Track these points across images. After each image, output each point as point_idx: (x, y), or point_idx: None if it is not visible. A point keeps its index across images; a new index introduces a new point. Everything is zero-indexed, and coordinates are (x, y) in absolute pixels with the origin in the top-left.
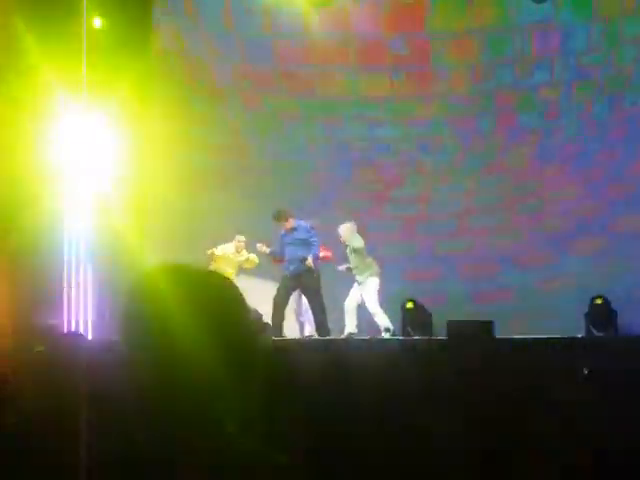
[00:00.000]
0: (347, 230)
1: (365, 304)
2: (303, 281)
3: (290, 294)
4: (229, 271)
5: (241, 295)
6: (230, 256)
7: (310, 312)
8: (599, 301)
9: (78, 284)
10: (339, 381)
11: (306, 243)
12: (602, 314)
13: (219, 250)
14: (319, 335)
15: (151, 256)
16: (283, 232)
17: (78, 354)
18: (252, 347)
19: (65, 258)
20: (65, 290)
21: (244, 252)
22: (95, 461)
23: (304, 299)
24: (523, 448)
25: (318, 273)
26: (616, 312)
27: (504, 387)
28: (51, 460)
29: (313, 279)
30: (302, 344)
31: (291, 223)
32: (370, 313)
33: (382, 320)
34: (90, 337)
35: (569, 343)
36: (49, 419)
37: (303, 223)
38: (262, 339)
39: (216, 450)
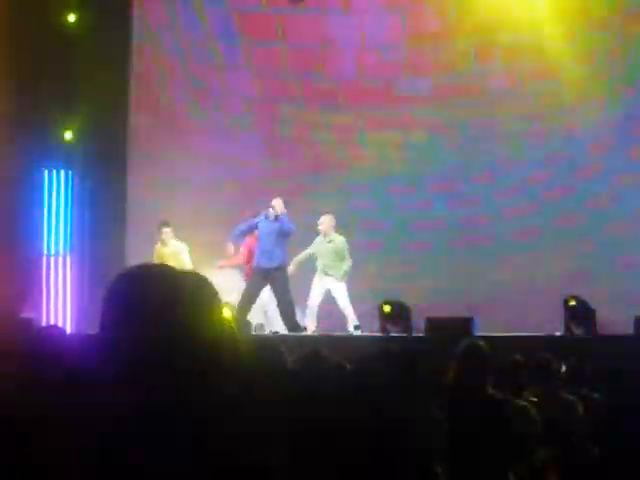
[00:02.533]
0: (329, 222)
1: (337, 300)
2: (278, 275)
3: (261, 289)
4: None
5: (213, 294)
6: (155, 255)
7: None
8: (572, 302)
9: (57, 277)
10: (317, 379)
11: (283, 236)
12: (579, 313)
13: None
14: (291, 331)
15: (131, 251)
16: (265, 217)
17: (56, 347)
18: (218, 344)
19: (44, 251)
20: (44, 283)
21: (172, 242)
22: (74, 456)
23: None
24: (503, 446)
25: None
26: (594, 310)
27: (482, 383)
28: (27, 457)
29: (285, 274)
30: (283, 340)
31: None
32: (342, 308)
33: (352, 316)
34: (69, 331)
35: (547, 340)
36: (28, 412)
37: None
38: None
39: (194, 446)
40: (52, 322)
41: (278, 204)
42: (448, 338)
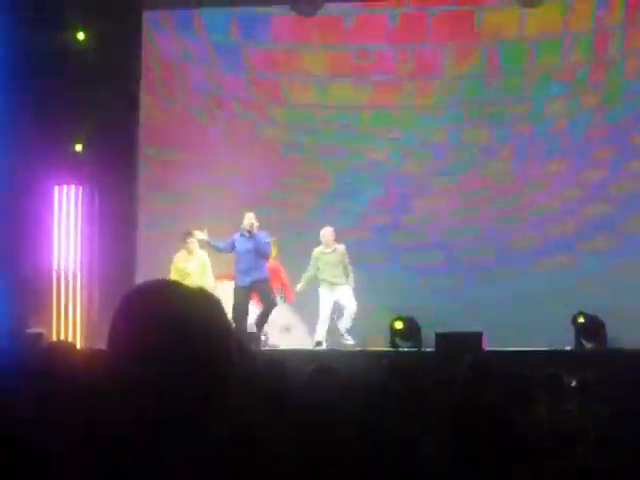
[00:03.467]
0: (331, 235)
1: (344, 310)
2: (260, 289)
3: (248, 303)
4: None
5: (221, 312)
6: (179, 265)
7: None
8: (581, 319)
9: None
10: (327, 393)
11: (260, 253)
12: (589, 328)
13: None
14: (257, 327)
15: (141, 266)
16: (241, 235)
17: (66, 362)
18: (223, 362)
19: (54, 266)
20: (54, 298)
21: (196, 253)
22: (80, 473)
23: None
24: (512, 461)
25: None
26: (603, 324)
27: (492, 399)
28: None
29: (266, 285)
30: (291, 355)
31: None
32: (348, 318)
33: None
34: (78, 346)
35: (558, 355)
36: (36, 428)
37: (262, 232)
38: (246, 352)
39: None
40: (62, 337)
41: (249, 219)
42: (457, 353)
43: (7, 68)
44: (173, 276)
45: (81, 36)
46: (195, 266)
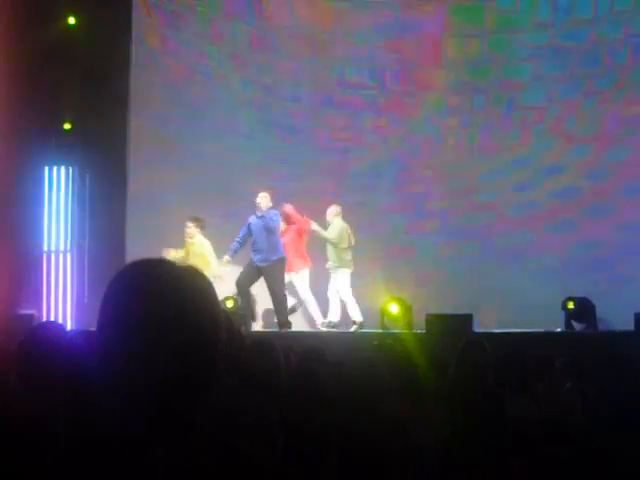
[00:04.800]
0: (331, 212)
1: (339, 293)
2: (270, 271)
3: (252, 283)
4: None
5: (207, 290)
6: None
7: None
8: (571, 305)
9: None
10: (316, 374)
11: (269, 232)
12: (579, 311)
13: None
14: (280, 327)
15: (131, 247)
16: (253, 217)
17: (55, 344)
18: (211, 341)
19: (45, 247)
20: (44, 279)
21: (197, 239)
22: (74, 452)
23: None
24: (503, 443)
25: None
26: (594, 306)
27: (485, 382)
28: (30, 455)
29: (279, 269)
30: (280, 337)
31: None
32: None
33: (353, 312)
34: (69, 327)
35: (547, 337)
36: (31, 409)
37: (272, 210)
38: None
39: (193, 444)
40: (52, 318)
41: (262, 199)
42: (448, 335)
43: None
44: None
45: (72, 20)
46: (194, 253)
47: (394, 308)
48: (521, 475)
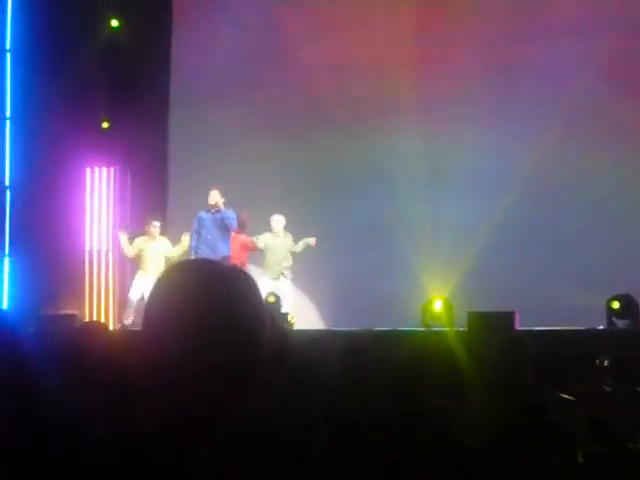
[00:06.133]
0: (281, 222)
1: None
2: None
3: None
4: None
5: (253, 289)
6: (140, 247)
7: None
8: (616, 304)
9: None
10: (358, 372)
11: (225, 229)
12: (623, 307)
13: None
14: None
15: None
16: (204, 212)
17: (99, 343)
18: (257, 339)
19: (87, 247)
20: (87, 279)
21: (158, 238)
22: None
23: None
24: (546, 442)
25: None
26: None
27: (525, 380)
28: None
29: None
30: (321, 334)
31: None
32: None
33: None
34: (111, 327)
35: (590, 335)
36: (74, 410)
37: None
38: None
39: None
40: (94, 318)
41: (214, 195)
42: (489, 332)
43: (39, 52)
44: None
45: (114, 23)
46: (158, 249)
47: (436, 306)
48: (563, 475)
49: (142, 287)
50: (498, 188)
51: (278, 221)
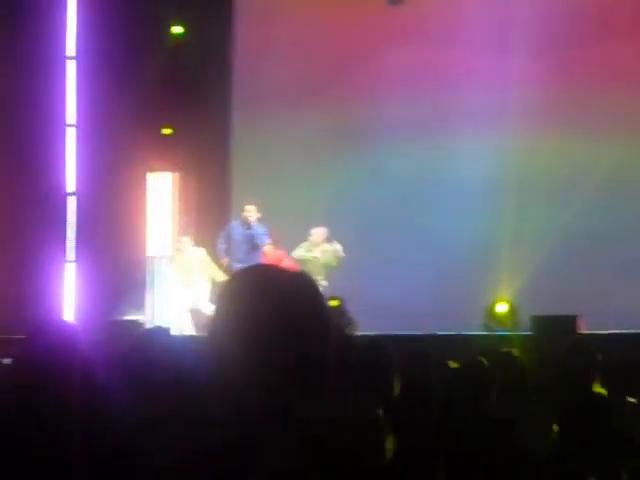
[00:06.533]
0: (323, 235)
1: None
2: None
3: None
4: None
5: (318, 294)
6: (179, 263)
7: None
8: None
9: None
10: (421, 377)
11: (255, 245)
12: None
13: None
14: None
15: None
16: (236, 224)
17: (162, 348)
18: (324, 345)
19: (149, 253)
20: (149, 285)
21: (189, 250)
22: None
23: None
24: (611, 445)
25: None
26: None
27: (587, 382)
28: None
29: None
30: (382, 338)
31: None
32: None
33: None
34: (173, 332)
35: None
36: (138, 413)
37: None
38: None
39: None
40: (156, 324)
41: (250, 210)
42: (553, 336)
43: (101, 58)
44: (176, 274)
45: (178, 29)
46: (192, 263)
47: (500, 309)
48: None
49: (184, 298)
50: (567, 192)
51: (318, 233)
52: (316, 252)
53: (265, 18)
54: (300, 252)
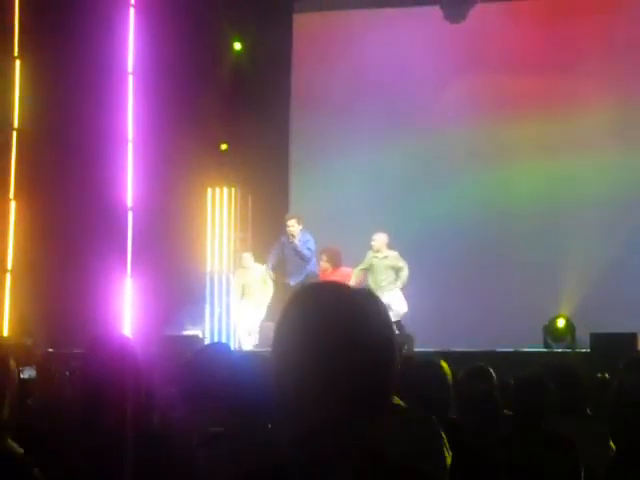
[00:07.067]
0: (383, 240)
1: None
2: None
3: None
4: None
5: (381, 311)
6: (240, 281)
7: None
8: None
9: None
10: (481, 394)
11: (300, 258)
12: None
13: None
14: None
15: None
16: (285, 239)
17: (223, 363)
18: (387, 362)
19: (208, 269)
20: (208, 300)
21: (252, 267)
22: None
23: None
24: None
25: None
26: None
27: None
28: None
29: None
30: (440, 356)
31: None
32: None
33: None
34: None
35: None
36: (194, 427)
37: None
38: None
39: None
40: (215, 339)
41: (291, 225)
42: (613, 353)
43: (159, 73)
44: (237, 291)
45: (237, 46)
46: (254, 279)
47: (559, 325)
48: None
49: (246, 316)
50: (625, 208)
51: (380, 239)
52: (380, 257)
53: (323, 32)
54: (366, 260)
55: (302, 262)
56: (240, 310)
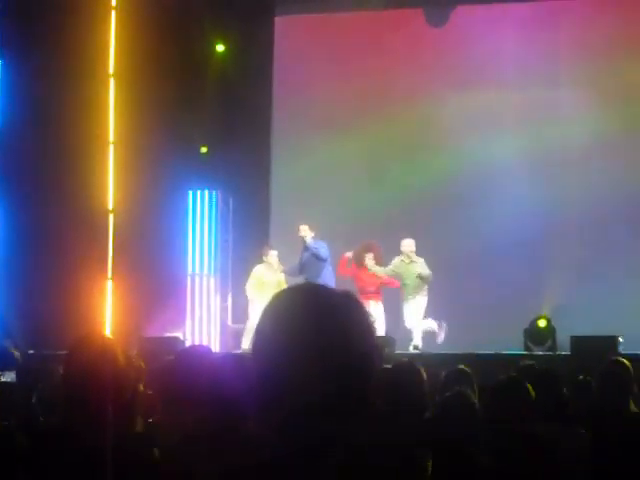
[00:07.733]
0: (412, 246)
1: (412, 317)
2: None
3: None
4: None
5: (362, 314)
6: (258, 276)
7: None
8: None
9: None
10: (462, 396)
11: (319, 260)
12: None
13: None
14: None
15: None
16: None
17: (205, 365)
18: (367, 365)
19: (189, 270)
20: (189, 302)
21: (275, 267)
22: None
23: None
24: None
25: None
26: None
27: (625, 403)
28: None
29: None
30: (417, 359)
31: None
32: (411, 327)
33: (417, 336)
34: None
35: None
36: (177, 432)
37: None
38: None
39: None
40: (197, 341)
41: (303, 230)
42: (593, 356)
43: (140, 76)
44: (253, 285)
45: (220, 48)
46: (272, 279)
47: (541, 326)
48: None
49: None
50: (606, 209)
51: (408, 244)
52: (408, 262)
53: (305, 36)
54: (396, 262)
55: (319, 265)
56: (257, 308)
